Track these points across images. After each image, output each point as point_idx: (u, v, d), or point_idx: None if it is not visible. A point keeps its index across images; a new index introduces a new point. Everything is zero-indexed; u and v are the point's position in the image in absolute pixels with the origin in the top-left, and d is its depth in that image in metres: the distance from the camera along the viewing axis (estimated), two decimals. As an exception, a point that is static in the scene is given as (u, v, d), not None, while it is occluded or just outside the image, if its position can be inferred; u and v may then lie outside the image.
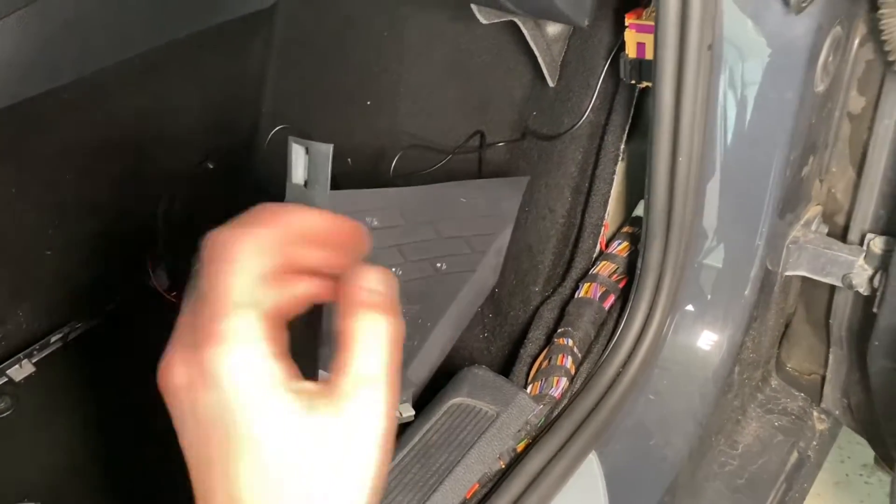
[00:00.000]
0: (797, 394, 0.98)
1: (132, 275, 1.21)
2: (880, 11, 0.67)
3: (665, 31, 0.65)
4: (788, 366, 1.01)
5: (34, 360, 1.09)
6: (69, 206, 1.23)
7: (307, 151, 0.72)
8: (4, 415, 1.04)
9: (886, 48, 0.69)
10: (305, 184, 0.73)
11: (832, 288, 0.89)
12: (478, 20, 0.97)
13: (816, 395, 0.97)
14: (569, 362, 0.84)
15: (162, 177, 1.34)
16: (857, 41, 0.78)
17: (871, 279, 0.79)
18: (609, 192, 0.96)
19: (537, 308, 0.98)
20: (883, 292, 0.76)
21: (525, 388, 0.85)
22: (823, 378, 0.97)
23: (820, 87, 0.73)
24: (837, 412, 0.95)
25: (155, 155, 1.34)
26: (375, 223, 0.83)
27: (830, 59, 0.72)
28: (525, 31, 0.98)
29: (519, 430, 0.77)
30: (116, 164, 1.29)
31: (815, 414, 0.96)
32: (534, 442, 0.78)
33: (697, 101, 0.68)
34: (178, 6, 1.31)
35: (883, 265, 0.77)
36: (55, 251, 1.21)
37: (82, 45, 1.19)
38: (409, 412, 0.81)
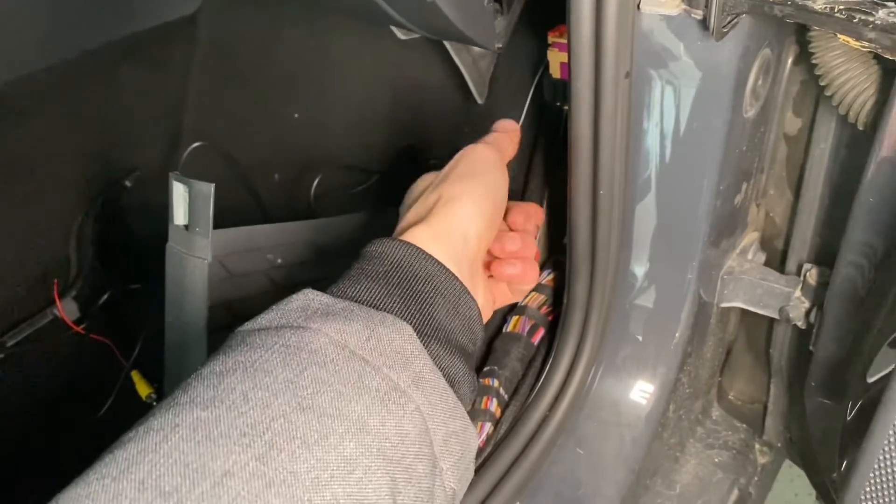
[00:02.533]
0: (739, 425, 0.94)
1: (37, 304, 1.12)
2: (809, 34, 0.63)
3: (579, 59, 0.59)
4: (730, 394, 0.96)
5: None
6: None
7: (188, 190, 0.65)
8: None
9: (818, 73, 0.64)
10: (187, 226, 0.66)
11: (771, 318, 0.84)
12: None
13: (759, 427, 0.93)
14: (493, 405, 0.78)
15: (73, 196, 1.26)
16: (790, 60, 0.74)
17: (808, 313, 0.75)
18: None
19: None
20: (818, 328, 0.72)
21: (448, 432, 0.79)
22: (766, 408, 0.92)
23: (750, 113, 0.68)
24: (779, 444, 0.91)
25: (65, 173, 1.25)
26: (279, 261, 0.77)
27: (760, 82, 0.67)
28: (449, 48, 0.93)
29: (437, 484, 0.71)
30: (22, 183, 1.20)
31: (757, 447, 0.92)
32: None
33: (617, 131, 0.63)
34: (92, 15, 1.23)
35: (818, 300, 0.72)
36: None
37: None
38: None
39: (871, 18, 0.51)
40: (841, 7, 0.53)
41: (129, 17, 1.28)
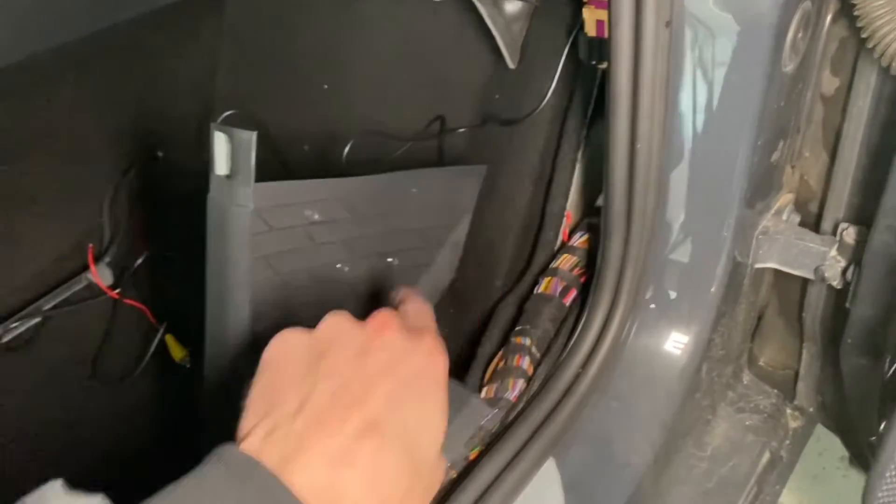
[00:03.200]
0: (770, 390, 0.94)
1: (73, 271, 1.14)
2: (851, -10, 0.62)
3: (619, 7, 0.59)
4: (761, 361, 0.96)
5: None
6: (6, 198, 1.16)
7: (230, 140, 0.66)
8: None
9: (859, 24, 0.64)
10: (229, 175, 0.67)
11: (805, 281, 0.84)
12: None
13: (790, 392, 0.93)
14: (526, 363, 0.79)
15: (107, 167, 1.27)
16: (829, 17, 0.73)
17: (844, 272, 0.75)
18: (570, 180, 0.90)
19: (497, 303, 0.93)
20: (856, 286, 0.72)
21: (480, 390, 0.80)
22: (797, 373, 0.92)
23: (789, 67, 0.68)
24: (811, 409, 0.91)
25: (99, 144, 1.27)
26: (316, 217, 0.77)
27: (800, 36, 0.67)
28: (482, 10, 0.93)
29: (472, 437, 0.72)
30: (56, 155, 1.22)
31: (789, 411, 0.92)
32: (487, 449, 0.73)
33: (656, 83, 0.63)
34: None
35: (856, 257, 0.72)
36: (-10, 247, 1.15)
37: (15, 28, 1.12)
38: None
39: (918, -40, 0.51)
40: (888, -51, 0.52)
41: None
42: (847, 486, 1.35)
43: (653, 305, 0.76)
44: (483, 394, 0.79)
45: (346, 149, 1.03)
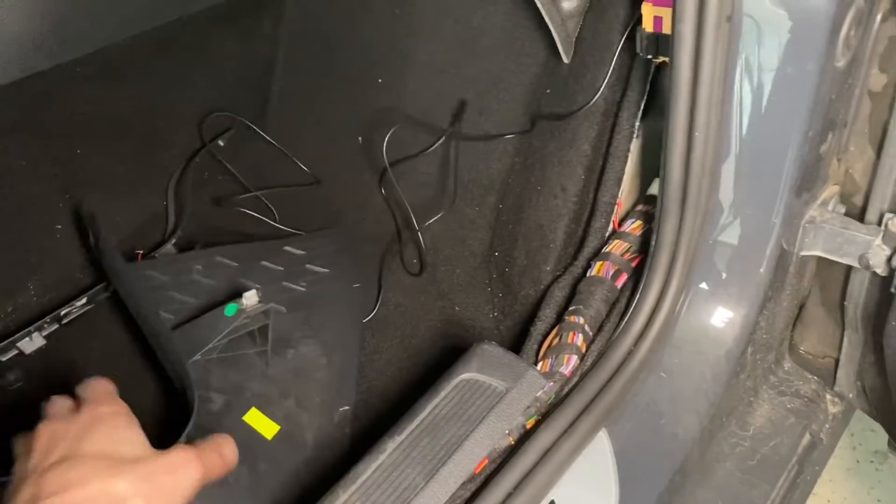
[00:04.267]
0: (810, 377, 0.97)
1: (136, 252, 1.20)
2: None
3: (684, 3, 0.64)
4: (802, 348, 1.00)
5: (44, 334, 1.09)
6: (79, 180, 1.23)
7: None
8: (15, 386, 1.04)
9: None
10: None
11: (848, 269, 0.87)
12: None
13: (830, 379, 0.96)
14: (579, 340, 0.83)
15: (172, 152, 1.34)
16: (879, 15, 0.76)
17: (889, 259, 0.78)
18: (623, 169, 0.94)
19: (548, 287, 0.97)
20: (901, 273, 0.75)
21: (535, 364, 0.85)
22: (837, 361, 0.95)
23: (841, 62, 0.72)
24: (851, 395, 0.94)
25: (165, 131, 1.33)
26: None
27: (852, 32, 0.70)
28: (541, 6, 0.97)
29: (528, 407, 0.77)
30: (127, 140, 1.29)
31: (828, 397, 0.95)
32: (543, 418, 0.77)
33: (715, 75, 0.67)
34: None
35: (902, 244, 0.75)
36: (65, 226, 1.21)
37: (92, 20, 1.19)
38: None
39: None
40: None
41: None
42: (880, 478, 1.37)
43: (703, 285, 0.80)
44: (538, 368, 0.83)
45: (385, 140, 1.11)
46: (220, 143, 1.37)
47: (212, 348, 0.98)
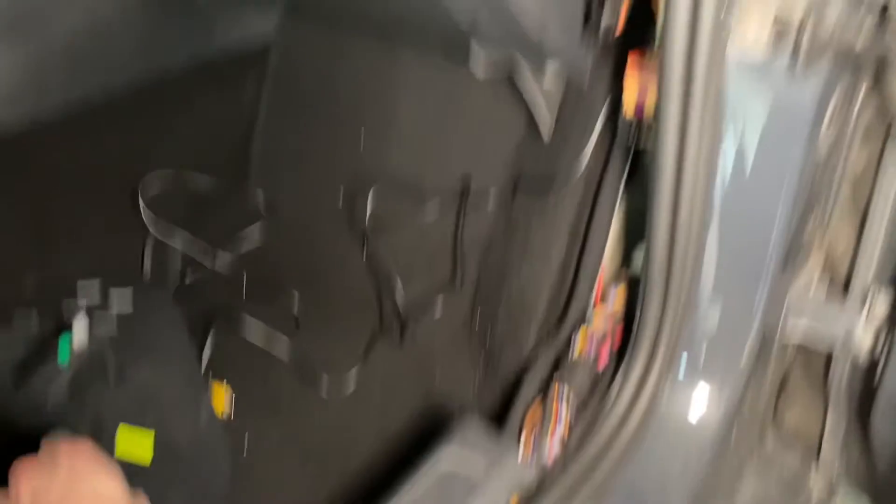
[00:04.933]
0: (795, 451, 0.96)
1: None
2: (886, 77, 0.66)
3: (669, 91, 0.64)
4: (787, 423, 0.99)
5: None
6: (53, 232, 1.21)
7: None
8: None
9: (890, 105, 0.68)
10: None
11: (831, 345, 0.87)
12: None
13: (815, 452, 0.95)
14: (563, 418, 0.82)
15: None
16: (859, 101, 0.77)
17: (872, 342, 0.77)
18: (605, 241, 0.94)
19: (531, 357, 0.96)
20: (887, 355, 0.74)
21: (518, 439, 0.83)
22: (821, 435, 0.94)
23: (823, 146, 0.72)
24: (836, 470, 0.93)
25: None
26: None
27: (835, 116, 0.71)
28: (521, 86, 0.97)
29: (511, 493, 0.75)
30: (102, 194, 1.27)
31: (813, 472, 0.94)
32: (527, 504, 0.75)
33: (701, 155, 0.67)
34: (172, 40, 1.30)
35: (889, 324, 0.75)
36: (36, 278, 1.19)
37: (73, 74, 1.18)
38: None
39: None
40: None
41: (205, 43, 1.35)
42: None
43: (685, 371, 0.79)
44: (521, 444, 0.81)
45: (369, 198, 1.10)
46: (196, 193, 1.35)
47: (57, 396, 0.99)
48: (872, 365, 0.78)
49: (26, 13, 1.10)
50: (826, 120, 0.69)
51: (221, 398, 1.11)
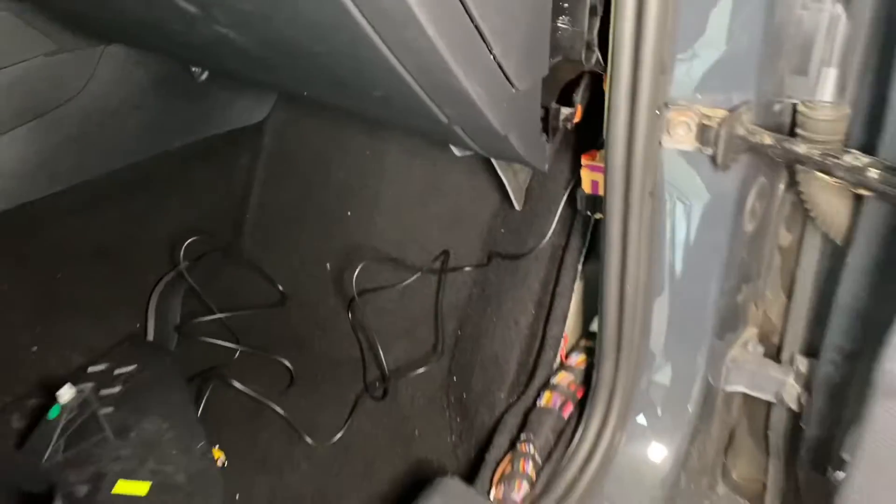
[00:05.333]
0: (742, 501, 1.05)
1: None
2: (796, 169, 0.79)
3: (613, 178, 0.76)
4: (734, 474, 1.08)
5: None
6: (57, 304, 1.29)
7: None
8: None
9: (803, 199, 0.80)
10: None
11: (769, 403, 0.97)
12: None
13: (759, 502, 1.04)
14: (530, 468, 0.91)
15: (148, 278, 1.41)
16: (782, 185, 0.90)
17: (800, 396, 0.88)
18: (568, 307, 1.05)
19: (502, 414, 1.05)
20: (808, 409, 0.85)
21: (489, 492, 0.92)
22: (765, 486, 1.04)
23: (749, 227, 0.84)
24: (778, 518, 1.02)
25: (141, 257, 1.42)
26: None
27: (757, 204, 0.83)
28: (495, 164, 1.10)
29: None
30: (104, 266, 1.36)
31: (759, 520, 1.03)
32: (495, 545, 0.83)
33: (642, 237, 0.78)
34: (172, 121, 1.42)
35: (808, 386, 0.86)
36: (41, 348, 1.27)
37: (78, 156, 1.29)
38: None
39: (840, 161, 0.68)
40: (817, 151, 0.69)
41: (203, 123, 1.47)
42: None
43: (640, 420, 0.89)
44: (492, 495, 0.90)
45: (356, 272, 1.20)
46: (191, 266, 1.45)
47: (53, 452, 1.05)
48: (799, 417, 0.88)
49: (41, 101, 1.21)
50: (749, 205, 0.82)
51: (215, 452, 1.18)
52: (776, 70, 0.75)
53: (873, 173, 0.65)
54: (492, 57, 0.62)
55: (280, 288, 1.41)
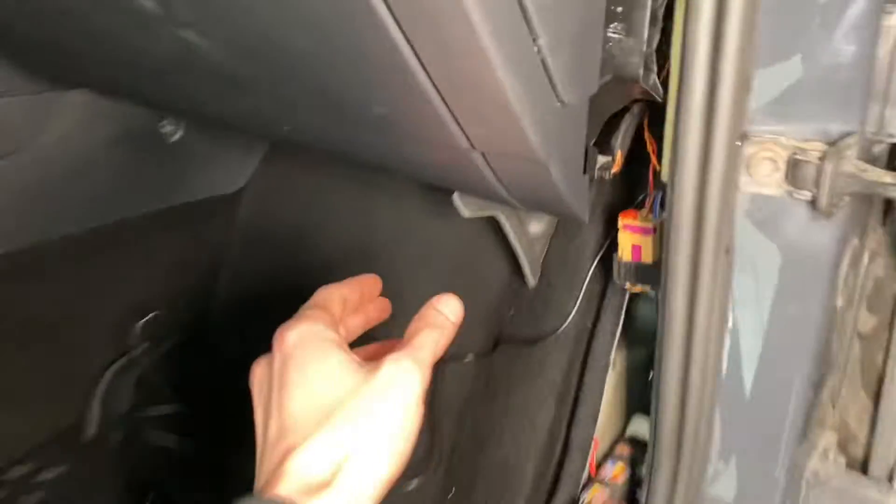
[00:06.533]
0: None
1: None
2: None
3: (678, 234, 0.59)
4: None
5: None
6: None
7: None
8: None
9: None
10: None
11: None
12: (455, 213, 0.91)
13: None
14: None
15: (95, 361, 1.21)
16: (867, 255, 0.73)
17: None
18: (599, 404, 0.86)
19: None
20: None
21: None
22: None
23: (839, 302, 0.66)
24: None
25: (90, 337, 1.22)
26: None
27: (850, 272, 0.66)
28: (508, 229, 0.93)
29: None
30: (45, 346, 1.16)
31: None
32: None
33: (714, 308, 0.61)
34: (137, 184, 1.26)
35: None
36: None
37: (23, 218, 1.12)
38: None
39: None
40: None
41: (172, 190, 1.31)
42: None
43: (704, 552, 0.68)
44: None
45: None
46: (147, 346, 1.25)
47: None
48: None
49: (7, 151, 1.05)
50: (842, 272, 0.64)
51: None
52: (876, 97, 0.60)
53: None
54: (535, 49, 0.46)
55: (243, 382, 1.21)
